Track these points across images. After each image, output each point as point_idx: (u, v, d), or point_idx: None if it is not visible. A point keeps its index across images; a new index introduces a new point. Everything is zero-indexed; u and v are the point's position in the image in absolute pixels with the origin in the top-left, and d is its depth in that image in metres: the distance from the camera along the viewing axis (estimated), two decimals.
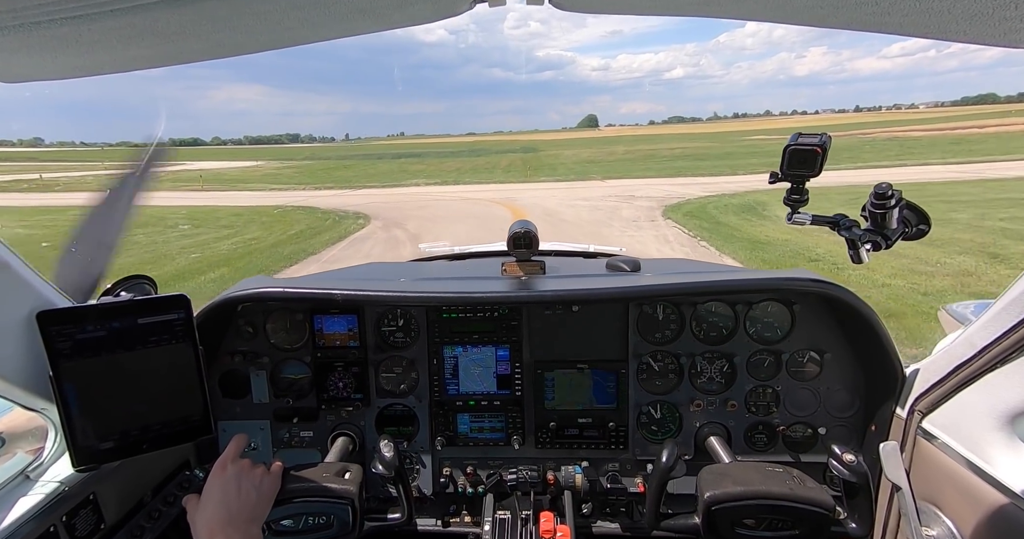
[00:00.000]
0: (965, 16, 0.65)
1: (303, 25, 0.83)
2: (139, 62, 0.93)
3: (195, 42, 0.84)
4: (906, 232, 1.24)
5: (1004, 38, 0.71)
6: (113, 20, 0.70)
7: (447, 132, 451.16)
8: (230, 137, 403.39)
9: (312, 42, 0.92)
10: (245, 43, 0.89)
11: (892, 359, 1.55)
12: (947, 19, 0.67)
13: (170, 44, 0.83)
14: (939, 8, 0.63)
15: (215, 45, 0.88)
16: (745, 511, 1.26)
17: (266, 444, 1.83)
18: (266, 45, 0.91)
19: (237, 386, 1.82)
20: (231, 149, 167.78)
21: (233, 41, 0.87)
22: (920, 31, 0.75)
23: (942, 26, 0.71)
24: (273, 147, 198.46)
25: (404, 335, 1.81)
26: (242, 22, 0.78)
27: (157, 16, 0.71)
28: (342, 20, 0.83)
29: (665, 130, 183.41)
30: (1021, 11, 0.60)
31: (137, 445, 1.29)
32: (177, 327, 1.31)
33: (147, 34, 0.77)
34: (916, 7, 0.64)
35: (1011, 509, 1.18)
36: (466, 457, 1.85)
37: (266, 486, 1.28)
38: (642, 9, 0.86)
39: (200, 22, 0.76)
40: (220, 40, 0.85)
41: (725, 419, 1.76)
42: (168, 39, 0.80)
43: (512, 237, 1.88)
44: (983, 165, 26.69)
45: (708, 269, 2.07)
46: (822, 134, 1.20)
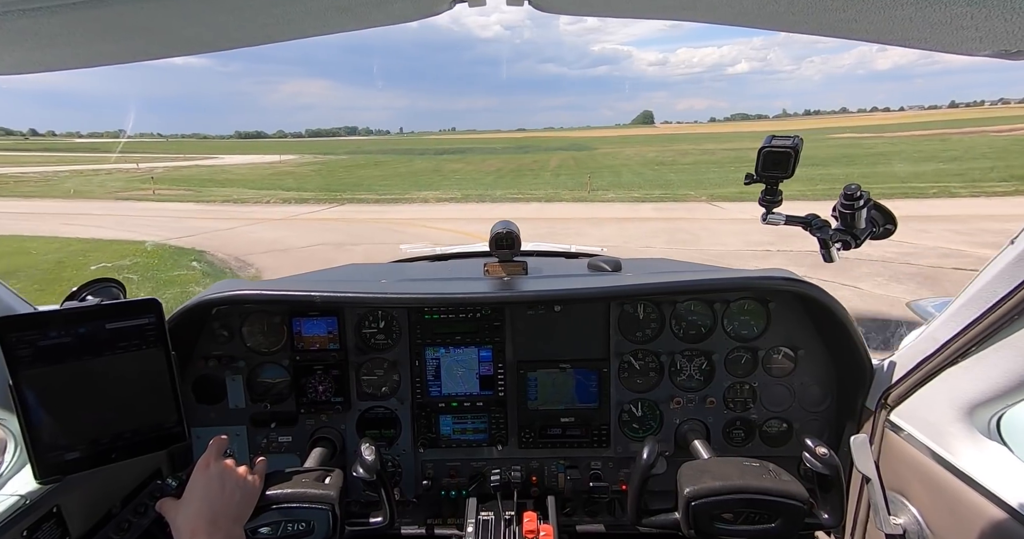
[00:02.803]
0: (927, 25, 0.68)
1: (279, 22, 0.81)
2: (104, 57, 0.90)
3: (165, 38, 0.82)
4: (874, 232, 1.28)
5: (961, 46, 0.75)
6: (76, 13, 0.67)
7: (497, 128, 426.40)
8: (292, 130, 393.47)
9: (288, 39, 0.90)
10: (217, 40, 0.87)
11: (861, 355, 1.61)
12: (910, 27, 0.70)
13: (138, 39, 0.80)
14: (903, 16, 0.66)
15: (186, 41, 0.85)
16: (724, 505, 1.28)
17: (243, 450, 1.79)
18: (240, 42, 0.89)
19: (212, 391, 1.77)
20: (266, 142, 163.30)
21: (205, 37, 0.85)
22: (886, 37, 0.78)
23: (906, 33, 0.74)
24: (328, 140, 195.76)
25: (385, 337, 1.79)
26: (215, 18, 0.76)
27: (123, 10, 0.68)
28: (320, 17, 0.81)
29: (728, 128, 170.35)
30: (976, 21, 0.63)
31: (106, 454, 1.24)
32: (148, 332, 1.27)
33: (113, 29, 0.74)
34: (882, 15, 0.67)
35: (971, 496, 1.24)
36: (449, 459, 1.83)
37: (250, 485, 1.26)
38: (620, 12, 0.87)
39: (170, 17, 0.73)
40: (191, 36, 0.83)
41: (704, 416, 1.79)
42: (136, 34, 0.78)
43: (494, 237, 1.88)
44: None
45: (687, 268, 2.10)
46: (794, 137, 1.23)
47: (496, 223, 1.95)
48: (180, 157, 70.25)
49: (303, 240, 13.24)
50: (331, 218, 17.79)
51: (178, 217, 17.58)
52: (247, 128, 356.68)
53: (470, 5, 0.88)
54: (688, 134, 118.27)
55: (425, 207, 20.94)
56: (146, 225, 15.38)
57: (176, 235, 13.69)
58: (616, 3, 0.86)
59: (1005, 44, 0.71)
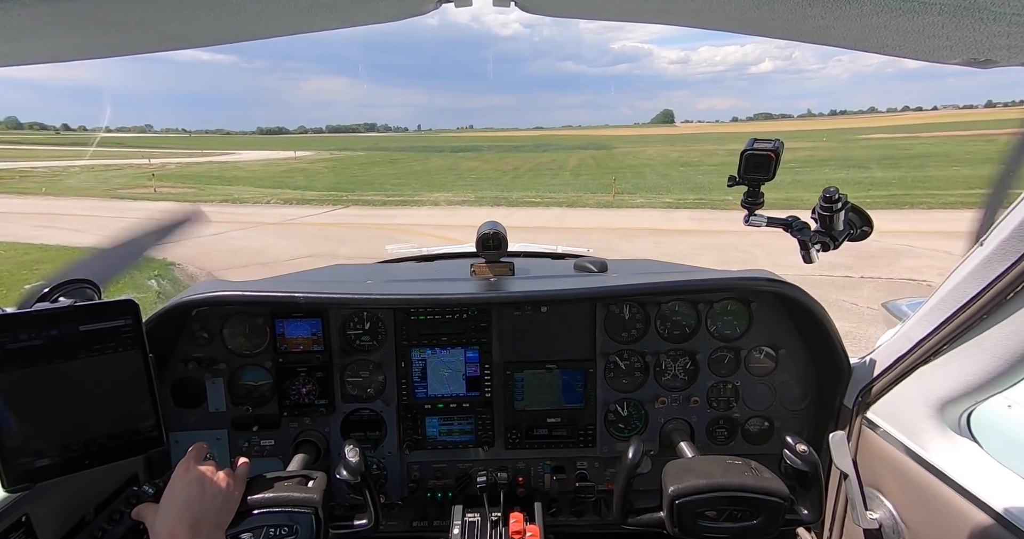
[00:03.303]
0: (900, 33, 0.70)
1: (261, 19, 0.80)
2: (78, 52, 0.87)
3: (141, 33, 0.80)
4: (851, 233, 1.32)
5: (933, 54, 0.77)
6: (47, 6, 0.64)
7: (515, 126, 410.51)
8: (313, 126, 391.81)
9: (271, 37, 0.88)
10: (197, 36, 0.86)
11: (839, 354, 1.65)
12: (885, 35, 0.72)
13: (113, 34, 0.79)
14: (878, 24, 0.68)
15: (163, 37, 0.83)
16: (707, 503, 1.30)
17: (223, 454, 1.76)
18: (221, 38, 0.88)
19: (191, 395, 1.73)
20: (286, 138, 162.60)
21: (183, 33, 0.83)
22: (862, 45, 0.80)
23: (881, 41, 0.76)
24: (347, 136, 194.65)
25: (371, 338, 1.78)
26: (194, 14, 0.75)
27: (97, 4, 0.67)
28: (303, 15, 0.81)
29: (751, 127, 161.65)
30: (947, 31, 0.66)
31: (79, 460, 1.19)
32: (124, 334, 1.23)
33: (86, 22, 0.72)
34: (858, 23, 0.69)
35: (944, 491, 1.28)
36: (435, 461, 1.83)
37: (231, 490, 1.23)
38: (604, 15, 0.88)
39: (146, 12, 0.72)
40: (169, 31, 0.81)
41: (688, 415, 1.81)
42: (111, 28, 0.76)
43: (481, 238, 1.87)
44: None
45: (671, 269, 2.13)
46: (775, 140, 1.26)
47: (483, 224, 1.95)
48: (198, 153, 69.26)
49: (292, 250, 12.05)
50: (330, 223, 16.39)
51: None
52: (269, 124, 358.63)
53: (456, 5, 0.88)
54: (709, 134, 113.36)
55: (435, 211, 19.10)
56: None
57: None
58: (600, 6, 0.87)
59: (973, 52, 0.73)
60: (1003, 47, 0.70)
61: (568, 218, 16.92)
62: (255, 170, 41.71)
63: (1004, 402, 1.36)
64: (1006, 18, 0.59)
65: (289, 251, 12.05)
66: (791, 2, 0.65)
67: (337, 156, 60.64)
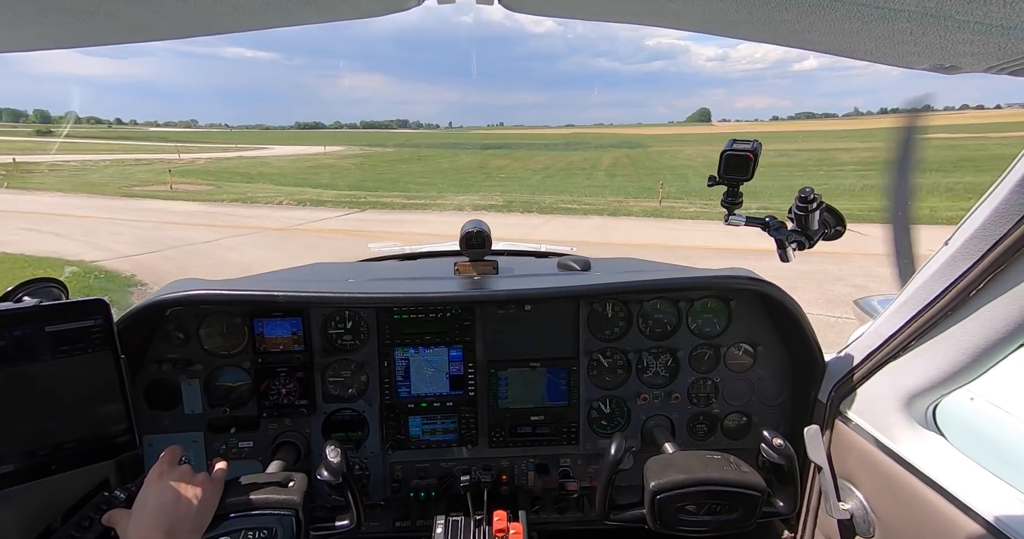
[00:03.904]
0: (872, 38, 0.72)
1: (237, 11, 0.78)
2: (43, 41, 0.84)
3: (110, 23, 0.77)
4: (825, 233, 1.36)
5: (902, 60, 0.80)
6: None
7: (545, 124, 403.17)
8: (348, 122, 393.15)
9: (247, 30, 0.86)
10: (169, 27, 0.83)
11: (814, 350, 1.69)
12: (858, 40, 0.75)
13: (80, 23, 0.76)
14: (851, 29, 0.70)
15: (133, 28, 0.81)
16: (687, 498, 1.33)
17: (200, 457, 1.71)
18: (194, 30, 0.85)
19: (166, 396, 1.68)
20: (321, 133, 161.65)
21: (156, 24, 0.81)
22: (836, 48, 0.82)
23: (854, 45, 0.79)
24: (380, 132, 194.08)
25: (353, 337, 1.76)
26: (166, 4, 0.73)
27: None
28: (280, 8, 0.80)
29: (792, 127, 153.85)
30: (915, 37, 0.68)
31: (44, 466, 1.15)
32: (94, 334, 1.19)
33: (51, 11, 0.70)
34: (833, 27, 0.70)
35: (911, 481, 1.33)
36: (418, 460, 1.82)
37: (208, 493, 1.20)
38: (588, 15, 0.88)
39: (116, 2, 0.70)
40: (139, 22, 0.79)
41: (669, 411, 1.84)
42: (77, 18, 0.73)
43: (464, 236, 1.87)
44: None
45: (653, 268, 2.16)
46: (754, 141, 1.28)
47: (467, 222, 1.94)
48: (231, 148, 68.86)
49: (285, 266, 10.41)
50: (339, 229, 14.93)
51: (163, 223, 15.01)
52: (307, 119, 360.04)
53: (439, 2, 0.87)
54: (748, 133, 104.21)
55: (459, 218, 15.77)
56: (116, 234, 13.30)
57: (135, 250, 11.40)
58: (582, 6, 0.88)
59: (940, 59, 0.76)
60: (967, 53, 0.73)
61: (611, 230, 14.43)
62: (282, 166, 41.07)
63: (967, 395, 1.41)
64: (969, 26, 0.62)
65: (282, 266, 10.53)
66: (769, 6, 0.67)
67: (367, 152, 59.70)
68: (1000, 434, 1.31)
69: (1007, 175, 1.08)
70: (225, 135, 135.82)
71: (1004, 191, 1.08)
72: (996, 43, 0.66)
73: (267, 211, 18.32)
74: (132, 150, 57.39)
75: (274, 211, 18.33)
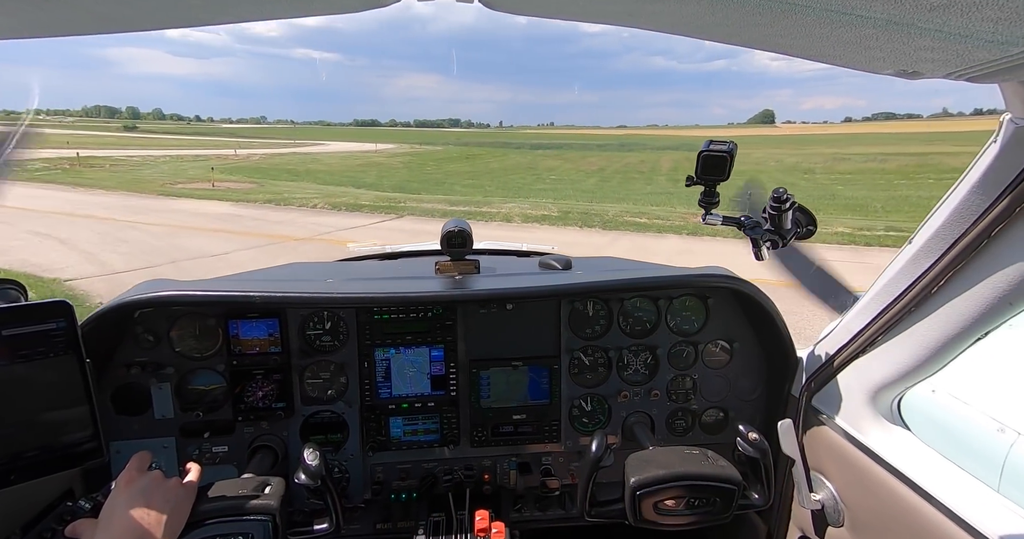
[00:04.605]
0: (840, 43, 0.75)
1: (209, 4, 0.78)
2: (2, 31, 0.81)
3: (71, 13, 0.75)
4: (798, 232, 1.39)
5: (869, 65, 0.83)
6: None
7: (596, 124, 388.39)
8: (403, 120, 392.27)
9: (220, 23, 0.84)
10: (137, 18, 0.81)
11: (788, 346, 1.74)
12: (826, 44, 0.77)
13: (38, 12, 0.73)
14: (820, 34, 0.73)
15: (99, 19, 0.78)
16: (667, 492, 1.35)
17: (171, 463, 1.66)
18: (164, 23, 0.83)
19: (135, 401, 1.63)
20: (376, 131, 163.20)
21: (122, 15, 0.78)
22: (806, 53, 0.85)
23: (823, 50, 0.82)
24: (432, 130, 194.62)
25: (332, 338, 1.73)
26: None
27: None
28: (255, 3, 0.79)
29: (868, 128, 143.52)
30: (880, 43, 0.71)
31: (3, 476, 1.10)
32: (56, 338, 1.15)
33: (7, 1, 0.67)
34: (803, 32, 0.73)
35: (878, 472, 1.38)
36: (399, 462, 1.80)
37: (180, 500, 1.16)
38: (567, 15, 0.89)
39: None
40: (105, 13, 0.76)
41: (649, 408, 1.87)
42: (36, 6, 0.70)
43: (446, 235, 1.85)
44: None
45: (633, 267, 2.19)
46: (730, 142, 1.31)
47: (447, 221, 1.93)
48: (290, 143, 69.53)
49: None
50: (368, 241, 12.98)
51: (182, 228, 13.95)
52: (364, 117, 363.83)
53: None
54: (817, 135, 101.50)
55: (504, 232, 14.47)
56: (124, 241, 12.37)
57: (130, 264, 10.44)
58: (562, 6, 0.88)
59: (903, 65, 0.79)
60: (928, 60, 0.76)
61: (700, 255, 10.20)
62: (332, 163, 39.92)
63: (929, 388, 1.47)
64: (930, 33, 0.65)
65: None
66: (742, 10, 0.69)
67: (417, 150, 58.81)
68: (959, 424, 1.38)
69: (965, 176, 1.13)
70: (289, 131, 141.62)
71: (963, 192, 1.13)
72: (955, 50, 0.70)
73: (297, 215, 17.10)
74: (198, 146, 59.78)
75: (305, 216, 17.01)
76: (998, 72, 0.77)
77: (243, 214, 16.99)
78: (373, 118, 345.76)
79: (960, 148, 42.21)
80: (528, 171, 34.42)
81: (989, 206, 1.07)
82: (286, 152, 54.36)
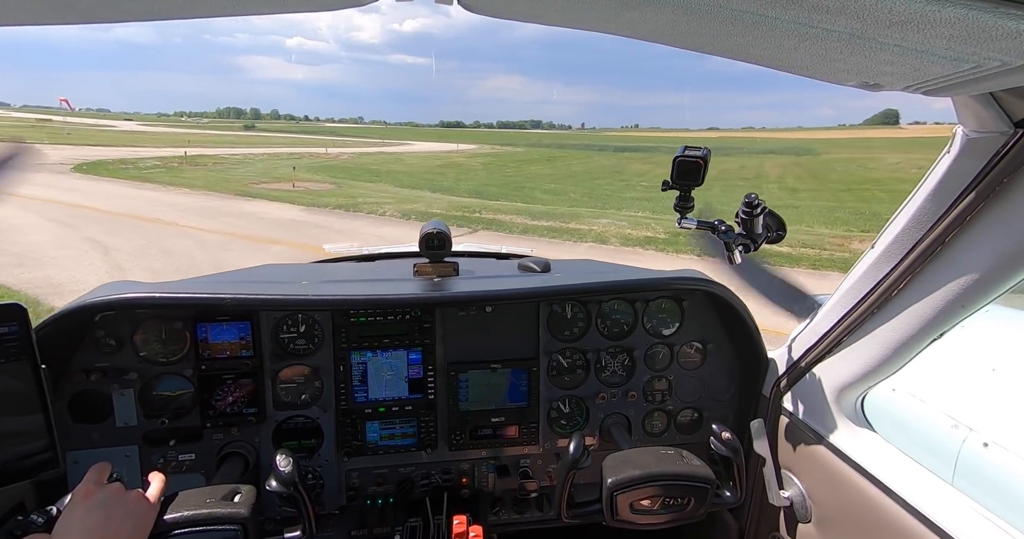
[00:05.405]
0: (807, 55, 0.78)
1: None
2: None
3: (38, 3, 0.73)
4: (768, 236, 1.43)
5: (834, 76, 0.87)
6: None
7: (685, 127, 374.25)
8: (486, 121, 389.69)
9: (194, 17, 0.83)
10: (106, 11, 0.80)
11: (759, 347, 1.79)
12: (795, 56, 0.81)
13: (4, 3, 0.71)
14: (789, 46, 0.76)
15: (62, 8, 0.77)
16: (642, 492, 1.37)
17: (134, 473, 1.58)
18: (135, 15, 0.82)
19: (94, 408, 1.55)
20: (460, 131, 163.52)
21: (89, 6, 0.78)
22: (776, 64, 0.89)
23: (791, 61, 0.85)
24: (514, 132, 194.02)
25: (307, 342, 1.69)
26: None
27: None
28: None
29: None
30: (844, 55, 0.75)
31: None
32: (8, 343, 1.09)
33: None
34: (772, 44, 0.76)
35: (843, 468, 1.42)
36: (376, 466, 1.77)
37: (142, 511, 1.10)
38: (546, 20, 0.90)
39: None
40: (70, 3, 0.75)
41: (626, 409, 1.89)
42: None
43: (424, 238, 1.83)
44: None
45: (611, 269, 2.21)
46: (703, 148, 1.34)
47: (426, 223, 1.91)
48: (380, 142, 70.61)
49: None
50: None
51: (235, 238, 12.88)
52: (450, 118, 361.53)
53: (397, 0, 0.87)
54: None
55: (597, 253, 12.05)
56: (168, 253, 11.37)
57: None
58: (541, 11, 0.89)
59: (865, 77, 0.83)
60: (888, 73, 0.80)
61: None
62: (414, 163, 39.11)
63: (890, 386, 1.52)
64: (889, 48, 0.69)
65: None
66: (716, 21, 0.71)
67: (497, 151, 57.94)
68: (916, 422, 1.43)
69: (922, 184, 1.18)
70: (381, 131, 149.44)
71: (919, 200, 1.18)
72: (912, 64, 0.73)
73: (362, 224, 15.83)
74: (300, 144, 63.59)
75: (370, 225, 15.70)
76: (951, 86, 0.81)
77: (308, 221, 15.97)
78: (458, 119, 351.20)
79: None
80: (615, 176, 31.86)
81: (943, 213, 1.12)
82: (373, 151, 56.20)
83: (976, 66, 0.70)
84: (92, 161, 30.61)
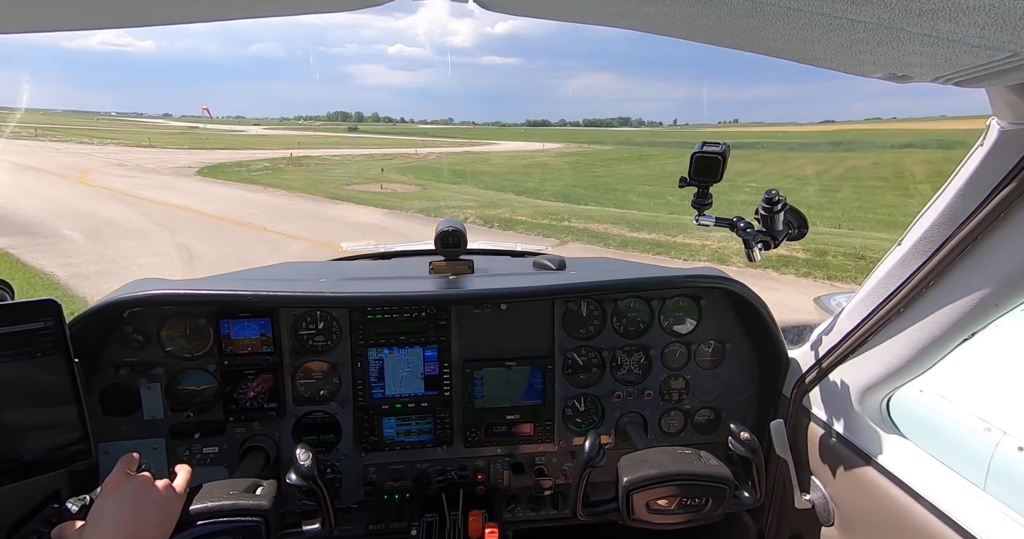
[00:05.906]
0: (832, 47, 0.77)
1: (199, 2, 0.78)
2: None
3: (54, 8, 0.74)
4: (789, 233, 1.40)
5: (860, 68, 0.84)
6: None
7: (793, 120, 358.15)
8: (572, 119, 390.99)
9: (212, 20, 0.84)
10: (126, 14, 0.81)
11: (779, 346, 1.75)
12: (818, 48, 0.79)
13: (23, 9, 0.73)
14: (812, 38, 0.74)
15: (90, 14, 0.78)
16: (659, 491, 1.36)
17: (161, 465, 1.64)
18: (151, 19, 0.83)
19: (123, 402, 1.60)
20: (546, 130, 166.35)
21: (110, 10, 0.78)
22: (798, 56, 0.86)
23: (815, 53, 0.83)
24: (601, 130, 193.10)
25: (325, 338, 1.72)
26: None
27: None
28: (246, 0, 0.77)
29: None
30: (871, 47, 0.73)
31: None
32: (44, 337, 1.13)
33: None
34: (795, 36, 0.74)
35: (868, 472, 1.39)
36: (392, 462, 1.79)
37: (170, 501, 1.14)
38: (563, 16, 0.89)
39: None
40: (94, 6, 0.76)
41: (642, 408, 1.87)
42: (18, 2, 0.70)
43: (440, 235, 1.84)
44: None
45: (627, 267, 2.20)
46: (723, 144, 1.32)
47: (441, 221, 1.92)
48: (467, 142, 72.19)
49: None
50: None
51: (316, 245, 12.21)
52: (535, 117, 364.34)
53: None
54: None
55: None
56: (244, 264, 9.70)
57: None
58: (557, 7, 0.89)
59: (893, 68, 0.81)
60: (917, 64, 0.78)
61: None
62: (499, 163, 39.34)
63: (917, 388, 1.48)
64: (919, 38, 0.66)
65: None
66: (736, 13, 0.70)
67: (584, 150, 57.35)
68: (946, 424, 1.40)
69: (952, 180, 1.14)
70: (469, 131, 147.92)
71: (950, 195, 1.14)
72: (943, 55, 0.71)
73: None
74: (395, 145, 65.51)
75: None
76: (985, 77, 0.78)
77: (387, 227, 15.13)
78: (544, 118, 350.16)
79: None
80: None
81: (976, 209, 1.08)
82: (460, 151, 56.43)
83: (1013, 55, 0.67)
84: (214, 164, 31.72)
